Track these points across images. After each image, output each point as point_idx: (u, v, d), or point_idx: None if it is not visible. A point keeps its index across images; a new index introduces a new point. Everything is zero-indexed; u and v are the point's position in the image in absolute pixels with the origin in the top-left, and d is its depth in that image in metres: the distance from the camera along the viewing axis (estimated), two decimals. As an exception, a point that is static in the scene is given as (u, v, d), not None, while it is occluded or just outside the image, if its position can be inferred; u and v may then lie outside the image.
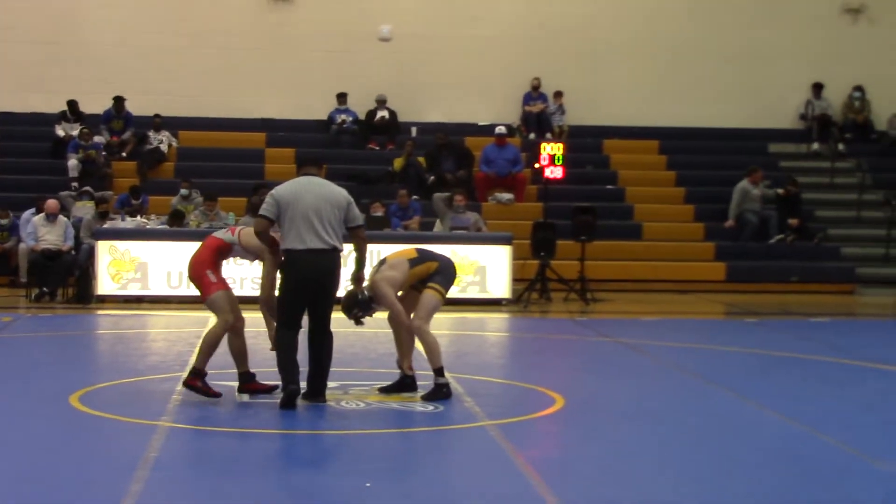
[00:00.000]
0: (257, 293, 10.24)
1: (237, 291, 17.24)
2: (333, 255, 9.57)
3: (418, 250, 10.43)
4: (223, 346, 9.99)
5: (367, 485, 7.17)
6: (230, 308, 9.80)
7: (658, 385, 11.34)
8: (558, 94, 25.34)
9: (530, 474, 7.57)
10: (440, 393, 9.98)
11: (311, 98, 25.03)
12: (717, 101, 25.60)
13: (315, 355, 9.74)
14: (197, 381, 9.75)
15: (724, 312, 19.11)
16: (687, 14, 25.80)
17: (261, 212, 9.63)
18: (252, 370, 10.11)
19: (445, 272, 10.26)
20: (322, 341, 9.71)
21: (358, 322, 10.09)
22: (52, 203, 18.79)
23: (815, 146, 25.37)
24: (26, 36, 24.62)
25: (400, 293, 10.17)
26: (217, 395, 9.76)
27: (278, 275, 9.73)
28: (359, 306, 9.98)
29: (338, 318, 9.84)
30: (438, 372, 10.04)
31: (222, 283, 9.86)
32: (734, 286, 21.40)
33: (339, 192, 9.73)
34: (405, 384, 10.26)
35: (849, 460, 8.18)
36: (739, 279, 21.60)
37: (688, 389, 11.16)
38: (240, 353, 10.04)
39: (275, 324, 9.79)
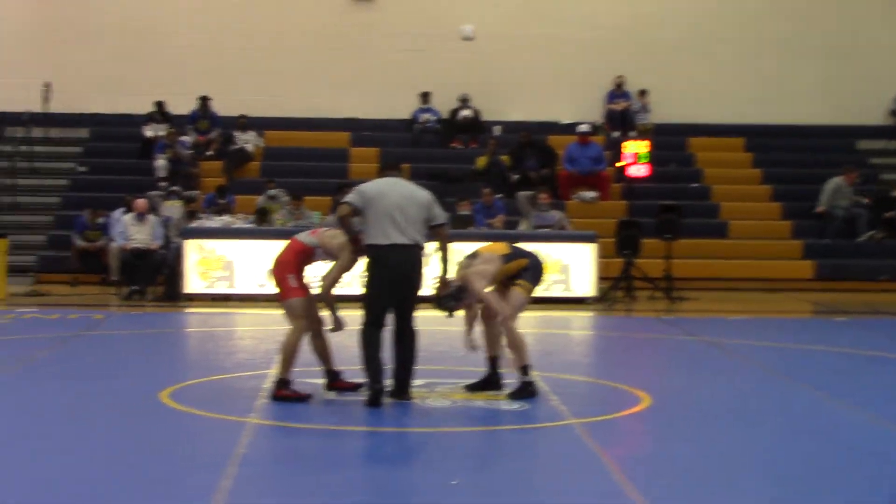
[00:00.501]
0: (342, 291, 10.27)
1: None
2: (417, 251, 9.63)
3: (510, 246, 10.42)
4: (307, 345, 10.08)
5: (454, 482, 7.19)
6: (305, 313, 9.85)
7: (744, 384, 11.22)
8: (643, 92, 25.20)
9: (616, 473, 7.54)
10: (526, 391, 9.98)
11: (394, 97, 25.14)
12: (803, 97, 25.31)
13: (400, 353, 9.78)
14: (283, 390, 9.79)
15: (812, 311, 18.88)
16: (772, 9, 25.53)
17: (345, 199, 9.73)
18: (337, 368, 10.19)
19: (534, 270, 10.25)
20: (407, 339, 9.75)
21: (449, 312, 10.08)
22: (141, 202, 19.03)
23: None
24: (115, 39, 25.04)
25: (488, 289, 10.18)
26: (307, 397, 9.83)
27: (363, 272, 9.77)
28: (451, 295, 9.99)
29: (423, 316, 9.87)
30: (524, 370, 10.03)
31: (302, 290, 9.89)
32: (822, 284, 21.11)
33: (422, 192, 9.83)
34: (491, 382, 10.27)
35: (941, 462, 8.02)
36: (827, 277, 21.30)
37: (774, 389, 11.04)
38: (323, 352, 10.12)
39: (336, 310, 9.85)
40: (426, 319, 9.97)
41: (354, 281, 10.49)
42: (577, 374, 11.44)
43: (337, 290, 9.92)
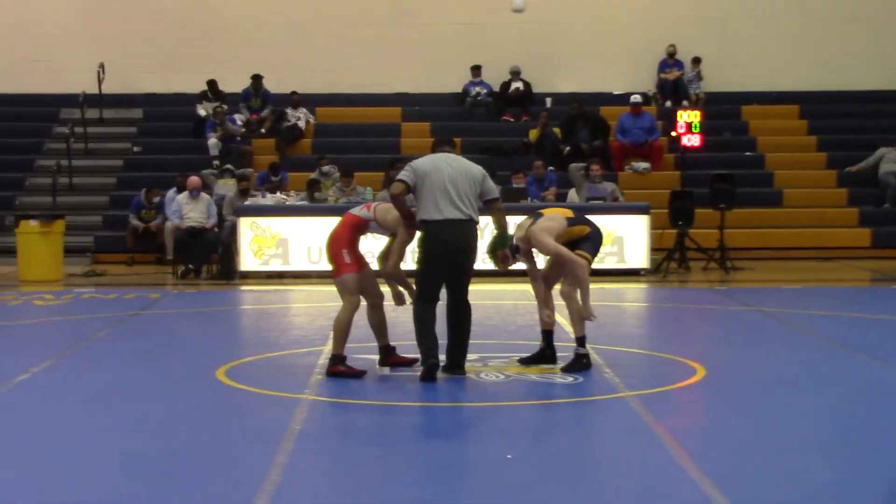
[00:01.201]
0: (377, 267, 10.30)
1: (376, 266, 17.44)
2: (470, 225, 9.61)
3: (574, 211, 10.41)
4: (361, 320, 10.13)
5: (508, 456, 7.18)
6: (358, 289, 9.88)
7: (800, 354, 11.15)
8: (696, 61, 24.98)
9: (671, 445, 7.53)
10: (580, 363, 9.97)
11: (445, 71, 25.10)
12: (857, 62, 24.97)
13: (454, 328, 9.78)
14: (338, 366, 9.84)
15: (870, 279, 18.66)
16: (825, -26, 25.21)
17: (398, 176, 9.71)
18: (392, 343, 10.23)
19: (594, 239, 10.21)
20: (461, 313, 9.74)
21: (503, 265, 10.12)
22: (193, 179, 19.12)
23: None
24: (167, 17, 25.19)
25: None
26: (362, 373, 9.87)
27: (415, 249, 9.79)
28: (506, 249, 10.01)
29: (476, 290, 9.88)
30: (580, 341, 10.02)
31: (356, 265, 9.92)
32: (879, 252, 20.84)
33: (475, 167, 9.82)
34: (545, 356, 10.27)
35: None
36: (885, 245, 21.04)
37: (831, 359, 10.95)
38: (380, 326, 10.15)
39: (399, 287, 9.91)
40: (479, 293, 9.98)
41: (407, 256, 10.47)
42: (631, 347, 11.41)
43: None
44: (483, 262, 10.43)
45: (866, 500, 6.52)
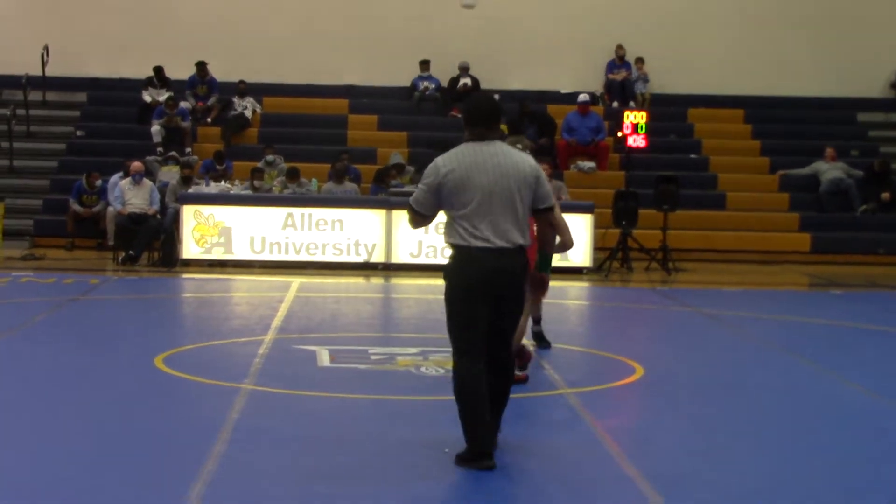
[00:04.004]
0: (338, 258, 10.16)
1: (319, 257, 17.28)
2: (520, 256, 6.97)
3: None
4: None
5: (446, 450, 7.15)
6: None
7: (739, 356, 11.24)
8: (639, 61, 25.08)
9: (609, 444, 7.55)
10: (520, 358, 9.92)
11: (394, 65, 25.02)
12: (804, 69, 25.17)
13: (491, 391, 7.02)
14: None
15: (809, 284, 18.83)
16: (774, -21, 25.39)
17: (412, 200, 7.05)
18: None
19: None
20: (506, 374, 7.16)
21: (537, 293, 7.76)
22: (137, 164, 18.89)
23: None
24: (115, 2, 24.88)
25: None
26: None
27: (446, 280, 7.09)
28: (546, 274, 8.27)
29: (414, 283, 9.82)
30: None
31: None
32: (819, 257, 21.05)
33: (527, 163, 6.99)
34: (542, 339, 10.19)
35: (935, 436, 8.01)
36: (824, 250, 21.25)
37: (769, 361, 11.03)
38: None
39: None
40: (418, 287, 9.96)
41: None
42: (571, 345, 11.42)
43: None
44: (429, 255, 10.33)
45: (801, 499, 6.55)
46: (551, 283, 7.80)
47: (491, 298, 6.87)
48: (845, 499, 6.64)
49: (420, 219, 7.05)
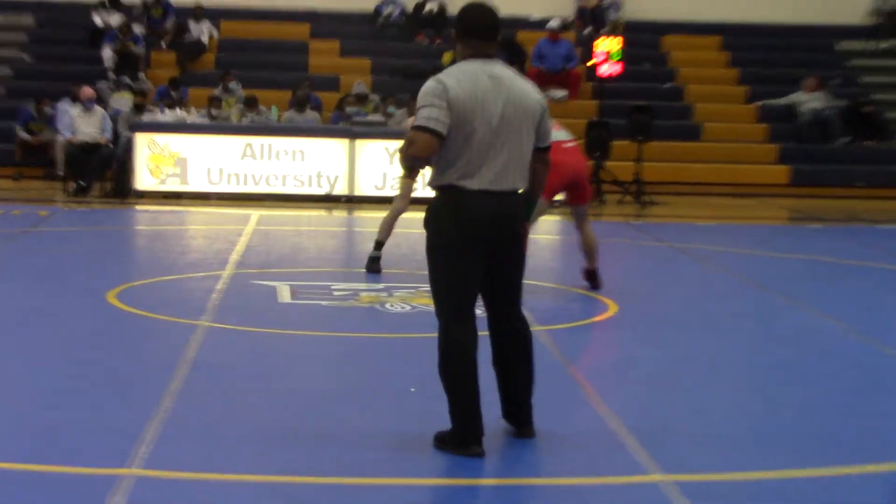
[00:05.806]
0: (300, 190, 9.74)
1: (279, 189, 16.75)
2: (519, 202, 5.90)
3: None
4: None
5: (413, 389, 6.99)
6: None
7: (714, 292, 11.15)
8: (611, -16, 24.46)
9: (581, 382, 7.44)
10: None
11: (357, -11, 24.30)
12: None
13: (506, 362, 6.06)
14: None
15: (787, 218, 18.62)
16: None
17: (421, 121, 5.65)
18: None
19: None
20: (517, 336, 6.06)
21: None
22: (87, 90, 18.34)
23: (886, 44, 24.26)
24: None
25: None
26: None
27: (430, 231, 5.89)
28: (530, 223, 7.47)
29: (379, 217, 9.17)
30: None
31: None
32: (797, 190, 20.63)
33: (533, 93, 5.90)
34: None
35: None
36: (803, 183, 20.79)
37: (745, 296, 10.95)
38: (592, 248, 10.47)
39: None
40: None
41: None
42: (542, 280, 11.01)
43: None
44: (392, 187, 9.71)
45: (776, 433, 6.42)
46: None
47: (487, 251, 5.74)
48: (821, 432, 6.47)
49: (438, 141, 5.59)
